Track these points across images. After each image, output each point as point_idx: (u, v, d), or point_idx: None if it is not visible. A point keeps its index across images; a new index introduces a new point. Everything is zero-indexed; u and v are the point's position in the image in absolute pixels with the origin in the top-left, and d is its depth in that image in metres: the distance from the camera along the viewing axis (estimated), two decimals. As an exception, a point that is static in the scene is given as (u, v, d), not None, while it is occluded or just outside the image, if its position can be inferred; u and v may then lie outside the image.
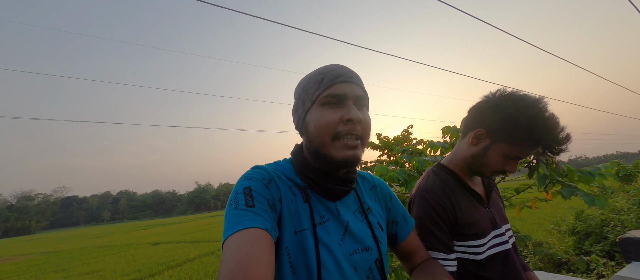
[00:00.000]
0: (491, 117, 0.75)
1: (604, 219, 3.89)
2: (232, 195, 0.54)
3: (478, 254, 0.77)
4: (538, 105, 0.69)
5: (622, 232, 3.50)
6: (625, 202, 4.49)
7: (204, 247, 11.25)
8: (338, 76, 0.57)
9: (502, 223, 0.85)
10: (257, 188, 0.55)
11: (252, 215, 0.50)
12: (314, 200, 0.61)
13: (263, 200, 0.54)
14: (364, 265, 0.60)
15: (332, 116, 0.55)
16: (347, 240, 0.60)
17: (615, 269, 2.77)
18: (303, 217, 0.58)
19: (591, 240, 3.76)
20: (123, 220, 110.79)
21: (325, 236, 0.58)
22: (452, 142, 1.55)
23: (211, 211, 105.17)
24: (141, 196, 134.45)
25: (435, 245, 0.76)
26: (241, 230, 0.47)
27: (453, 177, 0.85)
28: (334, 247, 0.57)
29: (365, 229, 0.64)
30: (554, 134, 0.67)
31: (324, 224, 0.59)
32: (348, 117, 0.55)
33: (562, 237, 4.44)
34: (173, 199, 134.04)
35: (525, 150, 0.72)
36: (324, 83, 0.57)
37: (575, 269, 3.33)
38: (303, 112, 0.60)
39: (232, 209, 0.52)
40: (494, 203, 0.89)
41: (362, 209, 0.66)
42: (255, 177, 0.57)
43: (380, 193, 0.74)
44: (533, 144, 0.70)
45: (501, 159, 0.75)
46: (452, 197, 0.79)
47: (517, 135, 0.71)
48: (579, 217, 4.18)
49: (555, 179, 1.70)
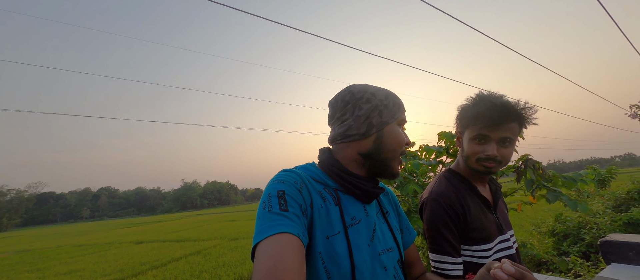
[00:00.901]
0: (456, 117, 0.90)
1: (581, 222, 4.10)
2: (265, 197, 0.55)
3: (485, 258, 0.80)
4: (479, 93, 0.83)
5: (597, 234, 3.70)
6: (600, 205, 4.75)
7: (190, 246, 11.00)
8: (404, 106, 0.71)
9: (507, 229, 0.89)
10: (290, 192, 0.56)
11: (286, 220, 0.51)
12: (345, 202, 0.63)
13: (296, 205, 0.55)
14: (390, 264, 0.64)
15: (405, 138, 0.68)
16: (375, 240, 0.63)
17: (590, 269, 2.93)
18: (334, 220, 0.59)
19: (569, 242, 3.95)
20: (103, 218, 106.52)
21: (357, 237, 0.60)
22: (447, 146, 1.59)
23: (198, 209, 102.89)
24: (124, 193, 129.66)
25: (446, 249, 0.78)
26: (274, 235, 0.48)
27: (464, 182, 0.88)
28: (364, 247, 0.60)
29: (387, 230, 0.68)
30: (485, 101, 0.78)
31: (355, 226, 0.62)
32: (409, 142, 0.69)
33: (542, 238, 4.64)
34: (157, 197, 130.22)
35: (477, 126, 0.80)
36: (402, 107, 0.69)
37: (553, 269, 3.49)
38: (381, 123, 0.65)
39: (265, 211, 0.52)
40: (500, 209, 0.92)
41: (382, 212, 0.71)
42: (288, 181, 0.58)
43: (392, 200, 0.79)
44: (475, 115, 0.79)
45: (473, 143, 0.83)
46: (463, 201, 0.82)
47: (466, 116, 0.83)
48: (558, 220, 4.39)
49: (541, 184, 1.77)
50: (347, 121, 0.66)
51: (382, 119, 0.65)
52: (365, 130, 0.64)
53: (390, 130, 0.66)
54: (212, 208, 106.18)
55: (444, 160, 1.73)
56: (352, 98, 0.66)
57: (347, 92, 0.68)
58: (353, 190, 0.64)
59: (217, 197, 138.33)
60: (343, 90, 0.70)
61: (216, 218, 29.57)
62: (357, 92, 0.66)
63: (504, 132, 0.77)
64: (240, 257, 7.68)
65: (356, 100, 0.66)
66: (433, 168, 1.72)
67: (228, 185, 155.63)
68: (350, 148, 0.66)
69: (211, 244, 10.95)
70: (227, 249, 9.26)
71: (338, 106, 0.68)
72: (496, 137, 0.77)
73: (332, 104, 0.70)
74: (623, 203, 4.65)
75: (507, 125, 0.76)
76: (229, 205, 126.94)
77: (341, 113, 0.67)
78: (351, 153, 0.66)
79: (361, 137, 0.65)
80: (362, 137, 0.64)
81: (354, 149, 0.66)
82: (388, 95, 0.67)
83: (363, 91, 0.66)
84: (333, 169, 0.64)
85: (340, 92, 0.69)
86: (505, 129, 0.76)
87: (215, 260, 7.68)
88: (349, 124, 0.65)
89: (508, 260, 0.46)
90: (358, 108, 0.65)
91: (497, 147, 0.79)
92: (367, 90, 0.66)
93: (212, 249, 9.80)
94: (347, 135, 0.65)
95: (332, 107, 0.70)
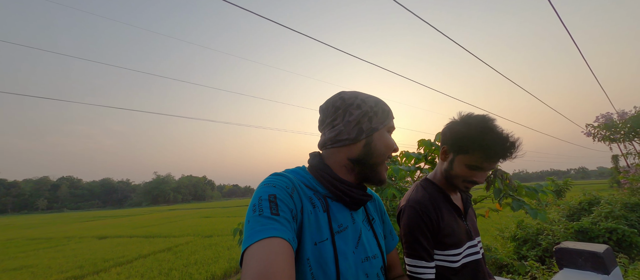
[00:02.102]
0: (449, 134, 0.90)
1: (539, 228, 4.46)
2: (256, 200, 0.55)
3: (454, 262, 0.86)
4: (483, 119, 0.84)
5: (552, 241, 4.04)
6: (556, 214, 5.19)
7: (159, 242, 10.48)
8: (393, 114, 0.73)
9: (475, 235, 0.96)
10: (282, 196, 0.56)
11: (276, 225, 0.51)
12: (333, 209, 0.64)
13: (287, 210, 0.55)
14: (373, 271, 0.65)
15: (393, 144, 0.70)
16: (360, 247, 0.64)
17: (545, 272, 3.19)
18: (323, 227, 0.60)
19: (528, 247, 4.28)
20: (63, 210, 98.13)
21: (343, 244, 0.61)
22: (425, 154, 1.66)
23: (170, 204, 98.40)
24: (87, 184, 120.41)
25: (420, 254, 0.83)
26: (265, 239, 0.48)
27: (439, 191, 0.94)
28: (350, 254, 0.61)
29: (372, 238, 0.70)
30: (497, 140, 0.79)
31: (342, 233, 0.63)
32: (397, 148, 0.71)
33: (505, 242, 4.98)
34: (126, 189, 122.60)
35: (478, 157, 0.82)
36: (391, 115, 0.71)
37: (513, 272, 3.76)
38: (371, 129, 0.67)
39: (255, 215, 0.52)
40: (470, 217, 0.99)
41: (368, 219, 0.73)
42: (280, 185, 0.58)
43: (378, 206, 0.81)
44: (480, 148, 0.81)
45: (465, 169, 0.86)
46: (437, 209, 0.88)
47: (467, 144, 0.83)
48: (519, 226, 4.73)
49: (508, 193, 1.91)
50: (338, 126, 0.67)
51: (372, 125, 0.67)
52: (356, 135, 0.66)
53: (379, 136, 0.67)
54: (186, 203, 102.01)
55: (422, 166, 1.81)
56: (343, 104, 0.68)
57: (338, 98, 0.69)
58: (342, 197, 0.65)
59: (192, 192, 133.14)
60: (334, 95, 0.71)
61: (190, 214, 28.45)
62: (348, 98, 0.68)
63: (495, 165, 0.85)
64: (214, 255, 7.45)
65: (347, 106, 0.67)
66: (411, 174, 1.78)
67: (204, 180, 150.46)
68: (341, 153, 0.67)
69: (183, 240, 10.51)
70: (200, 246, 8.93)
71: (329, 111, 0.69)
72: (489, 168, 0.85)
73: (322, 109, 0.71)
74: (575, 213, 5.12)
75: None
76: (204, 201, 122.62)
77: (332, 118, 0.68)
78: (341, 158, 0.67)
79: (351, 142, 0.66)
80: (352, 142, 0.66)
81: (344, 153, 0.67)
82: (378, 102, 0.69)
83: (354, 97, 0.68)
84: (324, 174, 0.65)
85: (332, 98, 0.70)
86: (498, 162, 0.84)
87: (187, 258, 7.38)
88: (339, 128, 0.67)
89: None
90: (348, 114, 0.67)
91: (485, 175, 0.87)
92: (357, 97, 0.68)
93: (184, 246, 9.41)
94: (338, 140, 0.67)
95: (323, 112, 0.71)
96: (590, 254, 1.38)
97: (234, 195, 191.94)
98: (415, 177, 1.97)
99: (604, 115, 6.37)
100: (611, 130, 6.19)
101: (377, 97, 0.71)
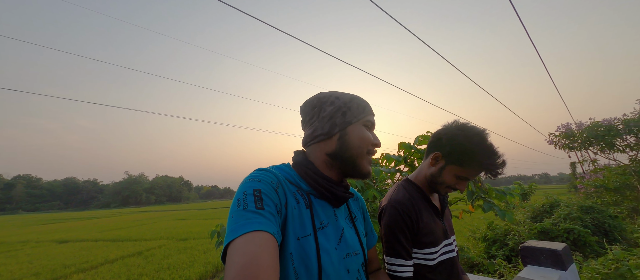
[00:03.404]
0: (446, 142, 0.90)
1: (507, 229, 4.75)
2: (240, 195, 0.55)
3: (431, 260, 0.89)
4: (482, 135, 0.86)
5: (518, 240, 4.32)
6: (522, 216, 5.57)
7: (128, 246, 9.84)
8: (371, 110, 0.73)
9: (451, 234, 1.00)
10: (266, 191, 0.57)
11: (261, 218, 0.51)
12: (316, 206, 0.65)
13: (271, 204, 0.55)
14: (354, 267, 0.66)
15: (370, 137, 0.70)
16: (342, 244, 0.66)
17: (511, 270, 3.41)
18: (306, 222, 0.61)
19: (497, 246, 4.54)
20: (18, 212, 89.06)
21: (325, 241, 0.62)
22: (405, 156, 1.72)
23: (142, 206, 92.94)
24: (47, 183, 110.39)
25: (400, 252, 0.85)
26: (250, 233, 0.48)
27: (419, 191, 0.97)
28: (332, 250, 0.62)
29: (354, 234, 0.71)
30: (493, 158, 0.84)
31: (324, 229, 0.64)
32: (376, 142, 0.72)
33: (476, 242, 5.25)
34: (93, 190, 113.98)
35: (472, 171, 0.87)
36: (367, 110, 0.72)
37: (483, 270, 3.97)
38: (344, 123, 0.68)
39: (240, 209, 0.52)
40: (446, 216, 1.04)
41: (350, 217, 0.75)
42: (264, 180, 0.59)
43: (361, 205, 0.84)
44: (477, 165, 0.85)
45: (453, 178, 0.90)
46: (417, 209, 0.91)
47: (464, 158, 0.86)
48: (489, 227, 5.02)
49: (480, 195, 2.02)
50: (314, 123, 0.70)
51: (345, 119, 0.68)
52: (329, 130, 0.68)
53: (353, 129, 0.68)
54: (160, 205, 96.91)
55: (402, 169, 1.86)
56: (318, 102, 0.71)
57: (315, 98, 0.73)
58: (325, 193, 0.66)
59: (167, 193, 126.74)
60: (312, 96, 0.74)
61: (164, 216, 27.06)
62: (323, 97, 0.72)
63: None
64: (189, 259, 7.13)
65: (322, 103, 0.71)
66: (391, 175, 1.83)
67: (181, 180, 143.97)
68: (319, 149, 0.70)
69: (155, 244, 9.95)
70: (173, 250, 8.50)
71: (307, 110, 0.73)
72: (473, 178, 0.88)
73: (302, 109, 0.75)
74: (538, 214, 5.52)
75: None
76: (180, 202, 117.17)
77: (310, 116, 0.72)
78: (320, 154, 0.69)
79: (326, 137, 0.68)
80: (327, 136, 0.68)
81: (322, 149, 0.69)
82: (353, 98, 0.71)
83: (329, 95, 0.72)
84: (307, 171, 0.66)
85: (309, 98, 0.74)
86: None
87: (159, 263, 6.99)
88: (315, 125, 0.70)
89: None
90: (323, 110, 0.70)
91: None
92: (332, 95, 0.71)
93: (156, 249, 8.91)
94: (315, 136, 0.69)
95: (302, 112, 0.74)
96: (550, 252, 1.50)
97: (212, 197, 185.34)
98: (395, 179, 2.03)
99: (564, 126, 6.96)
100: (570, 139, 6.77)
101: (355, 95, 0.73)
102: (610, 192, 6.27)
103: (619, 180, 5.99)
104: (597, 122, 6.25)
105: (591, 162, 6.99)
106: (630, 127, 5.67)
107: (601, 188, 6.35)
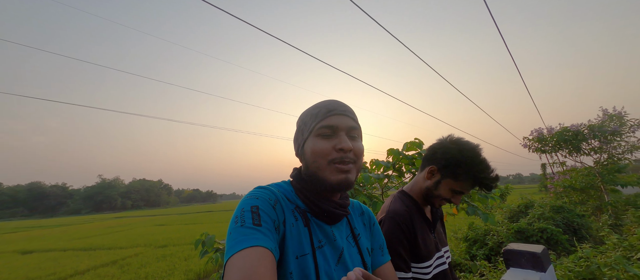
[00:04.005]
0: (441, 156, 0.92)
1: (487, 229, 4.95)
2: (238, 212, 0.55)
3: (426, 274, 0.89)
4: (476, 150, 0.89)
5: (497, 240, 4.51)
6: (500, 216, 5.83)
7: (101, 255, 9.25)
8: (332, 110, 0.64)
9: (442, 246, 1.01)
10: (264, 208, 0.56)
11: (259, 234, 0.51)
12: (313, 225, 0.64)
13: (269, 221, 0.55)
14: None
15: (326, 145, 0.62)
16: (341, 264, 0.64)
17: (491, 269, 3.54)
18: (304, 241, 0.60)
19: (477, 246, 4.71)
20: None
21: (323, 261, 0.61)
22: (394, 162, 1.73)
23: (117, 211, 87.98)
24: (10, 189, 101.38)
25: (399, 265, 0.84)
26: (247, 248, 0.47)
27: (414, 204, 0.97)
28: (330, 271, 0.61)
29: (356, 254, 0.68)
30: (487, 173, 0.86)
31: (322, 249, 0.62)
32: (340, 146, 0.61)
33: (458, 243, 5.43)
34: (62, 195, 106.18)
35: (466, 185, 0.89)
36: (319, 116, 0.64)
37: (466, 270, 4.11)
38: (302, 141, 0.67)
39: (237, 226, 0.52)
40: (438, 229, 1.04)
41: (353, 235, 0.71)
42: (262, 197, 0.59)
43: (368, 219, 0.78)
44: (471, 180, 0.87)
45: (449, 192, 0.91)
46: (414, 221, 0.91)
47: (460, 172, 0.88)
48: (470, 227, 5.21)
49: (463, 199, 2.08)
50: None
51: (303, 136, 0.67)
52: (296, 151, 0.70)
53: (307, 145, 0.64)
54: (137, 210, 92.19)
55: (390, 174, 1.88)
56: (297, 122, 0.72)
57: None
58: (317, 212, 0.65)
59: (145, 198, 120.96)
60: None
61: (141, 222, 25.74)
62: (299, 116, 0.72)
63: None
64: (169, 267, 6.81)
65: (297, 123, 0.71)
66: (379, 181, 1.84)
67: (160, 184, 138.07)
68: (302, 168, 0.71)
69: (132, 252, 9.43)
70: (152, 258, 8.09)
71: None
72: (468, 192, 0.92)
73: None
74: (515, 215, 5.81)
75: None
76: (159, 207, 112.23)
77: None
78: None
79: (299, 158, 0.70)
80: (299, 157, 0.70)
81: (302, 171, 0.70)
82: (309, 111, 0.67)
83: (302, 114, 0.71)
84: (302, 189, 0.66)
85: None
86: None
87: (136, 272, 6.62)
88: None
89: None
90: (296, 131, 0.71)
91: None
92: (303, 113, 0.70)
93: (132, 258, 8.44)
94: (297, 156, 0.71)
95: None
96: (530, 255, 1.57)
97: (194, 201, 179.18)
98: (383, 184, 2.04)
99: (537, 130, 7.40)
100: (542, 143, 7.21)
101: (317, 103, 0.68)
102: (577, 191, 6.74)
103: (585, 181, 6.45)
104: (565, 127, 6.70)
105: (560, 164, 7.48)
106: (594, 132, 6.13)
107: (569, 188, 6.82)
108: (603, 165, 6.27)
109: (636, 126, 5.75)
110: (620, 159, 6.15)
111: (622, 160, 6.14)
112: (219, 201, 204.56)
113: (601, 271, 2.04)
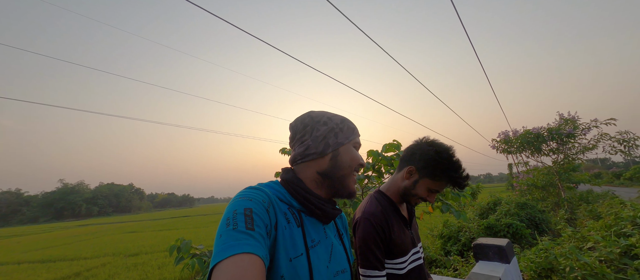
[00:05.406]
0: (419, 157, 0.97)
1: (460, 226, 5.23)
2: (230, 214, 0.53)
3: (401, 269, 0.94)
4: (450, 152, 0.95)
5: (469, 236, 4.78)
6: (471, 213, 6.19)
7: (62, 267, 8.49)
8: (358, 132, 0.77)
9: (417, 242, 1.06)
10: (258, 211, 0.55)
11: (251, 240, 0.49)
12: (307, 224, 0.66)
13: (262, 225, 0.54)
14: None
15: (359, 157, 0.74)
16: (332, 262, 0.67)
17: (464, 263, 3.75)
18: (298, 242, 0.61)
19: (451, 242, 4.96)
20: None
21: (316, 259, 0.62)
22: (374, 163, 1.79)
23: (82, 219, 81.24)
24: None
25: (374, 264, 0.88)
26: (238, 255, 0.46)
27: (390, 203, 1.01)
28: (323, 269, 0.63)
29: (342, 252, 0.72)
30: (460, 173, 0.93)
31: (315, 247, 0.64)
32: (363, 163, 0.75)
33: (434, 240, 5.67)
34: (15, 202, 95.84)
35: (442, 184, 0.95)
36: (356, 132, 0.75)
37: (441, 266, 4.30)
38: (336, 143, 0.71)
39: (229, 229, 0.50)
40: (413, 225, 1.10)
41: (338, 233, 0.77)
42: (256, 199, 0.57)
43: (345, 223, 0.85)
44: (446, 179, 0.93)
45: (425, 191, 0.97)
46: (389, 220, 0.95)
47: (436, 173, 0.94)
48: (445, 225, 5.47)
49: (438, 198, 2.19)
50: (306, 142, 0.71)
51: (338, 140, 0.71)
52: (322, 149, 0.70)
53: (345, 150, 0.71)
54: (104, 217, 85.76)
55: (370, 174, 1.93)
56: (311, 121, 0.72)
57: (306, 116, 0.74)
58: (315, 211, 0.67)
59: (114, 203, 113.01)
60: (303, 114, 0.76)
61: (109, 229, 24.00)
62: (315, 116, 0.73)
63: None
64: (140, 277, 6.41)
65: (315, 123, 0.72)
66: (360, 182, 1.88)
67: (131, 188, 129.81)
68: (310, 167, 0.70)
69: (98, 262, 8.76)
70: (121, 268, 7.58)
71: (298, 128, 0.73)
72: (442, 191, 0.97)
73: (292, 126, 0.75)
74: (485, 211, 6.20)
75: None
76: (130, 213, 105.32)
77: (301, 134, 0.72)
78: (311, 172, 0.70)
79: (319, 156, 0.70)
80: (320, 155, 0.69)
81: (313, 168, 0.70)
82: (343, 120, 0.75)
83: (321, 115, 0.73)
84: (297, 188, 0.67)
85: (301, 116, 0.75)
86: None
87: (103, 284, 6.16)
88: (307, 144, 0.71)
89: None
90: (316, 129, 0.71)
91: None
92: (324, 115, 0.74)
93: (98, 268, 7.85)
94: (306, 155, 0.70)
95: (293, 129, 0.75)
96: (496, 248, 1.70)
97: (168, 206, 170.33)
98: (363, 185, 2.09)
99: (504, 133, 7.99)
100: (508, 145, 7.79)
101: (344, 117, 0.76)
102: (538, 189, 7.35)
103: (545, 180, 7.05)
104: (528, 130, 7.28)
105: (524, 164, 8.12)
106: (552, 135, 6.73)
107: (531, 186, 7.41)
108: (560, 165, 6.89)
109: (587, 129, 6.39)
110: (574, 159, 6.80)
111: (576, 160, 6.80)
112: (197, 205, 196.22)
113: (557, 261, 2.25)
